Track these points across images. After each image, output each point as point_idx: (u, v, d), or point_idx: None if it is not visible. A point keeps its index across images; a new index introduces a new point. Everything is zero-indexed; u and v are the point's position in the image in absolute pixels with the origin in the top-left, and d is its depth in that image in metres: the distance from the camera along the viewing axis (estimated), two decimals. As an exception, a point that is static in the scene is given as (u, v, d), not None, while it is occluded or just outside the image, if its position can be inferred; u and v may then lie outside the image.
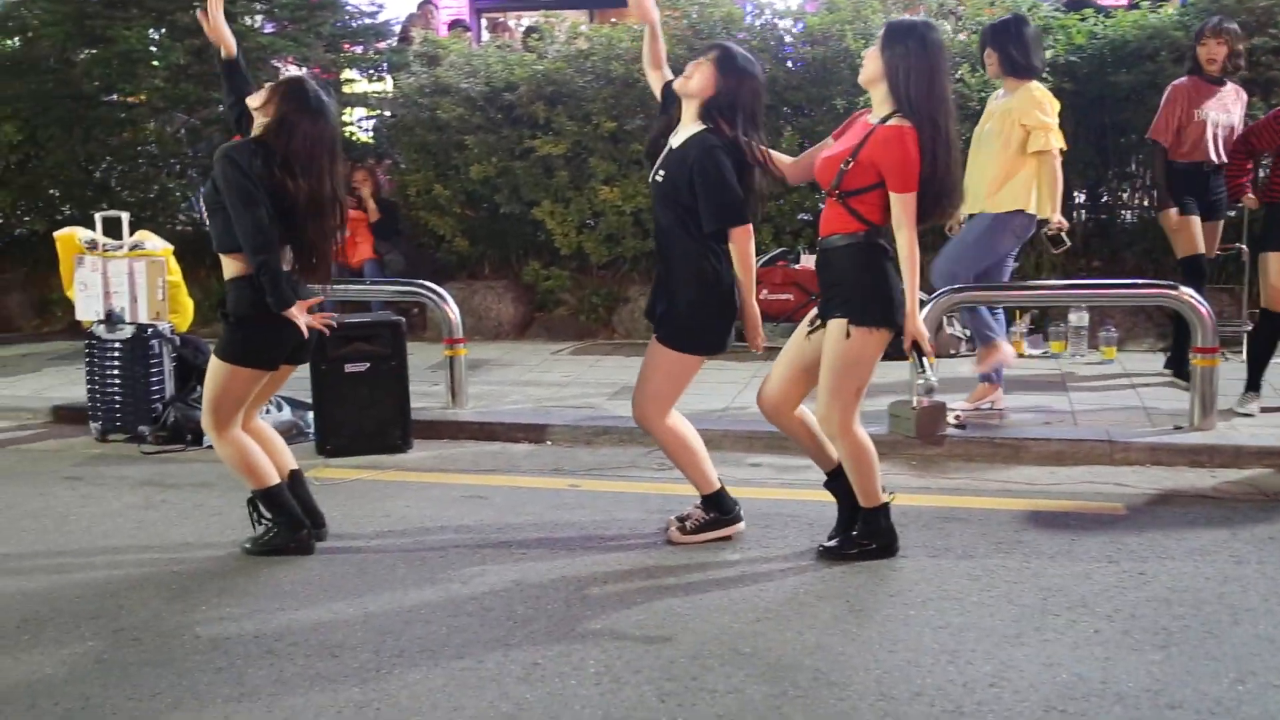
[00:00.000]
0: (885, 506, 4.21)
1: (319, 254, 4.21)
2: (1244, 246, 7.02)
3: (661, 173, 4.19)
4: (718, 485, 4.42)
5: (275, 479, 4.33)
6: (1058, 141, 5.64)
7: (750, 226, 4.14)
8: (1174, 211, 6.42)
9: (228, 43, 4.46)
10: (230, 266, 4.17)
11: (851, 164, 3.91)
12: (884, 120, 3.90)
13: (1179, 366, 6.59)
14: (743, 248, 4.13)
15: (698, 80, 4.11)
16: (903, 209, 3.89)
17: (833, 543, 4.26)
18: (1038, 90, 5.69)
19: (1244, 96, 6.50)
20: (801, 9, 9.15)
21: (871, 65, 3.95)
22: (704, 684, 3.23)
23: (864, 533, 4.21)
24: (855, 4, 8.35)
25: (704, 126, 4.12)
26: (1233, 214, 6.84)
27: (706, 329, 4.25)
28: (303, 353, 4.33)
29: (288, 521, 4.36)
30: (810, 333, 4.16)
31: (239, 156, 4.03)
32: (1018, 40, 5.73)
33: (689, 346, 4.26)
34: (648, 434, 4.45)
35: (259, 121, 4.14)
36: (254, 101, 4.18)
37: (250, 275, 4.09)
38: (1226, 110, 6.39)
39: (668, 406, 4.33)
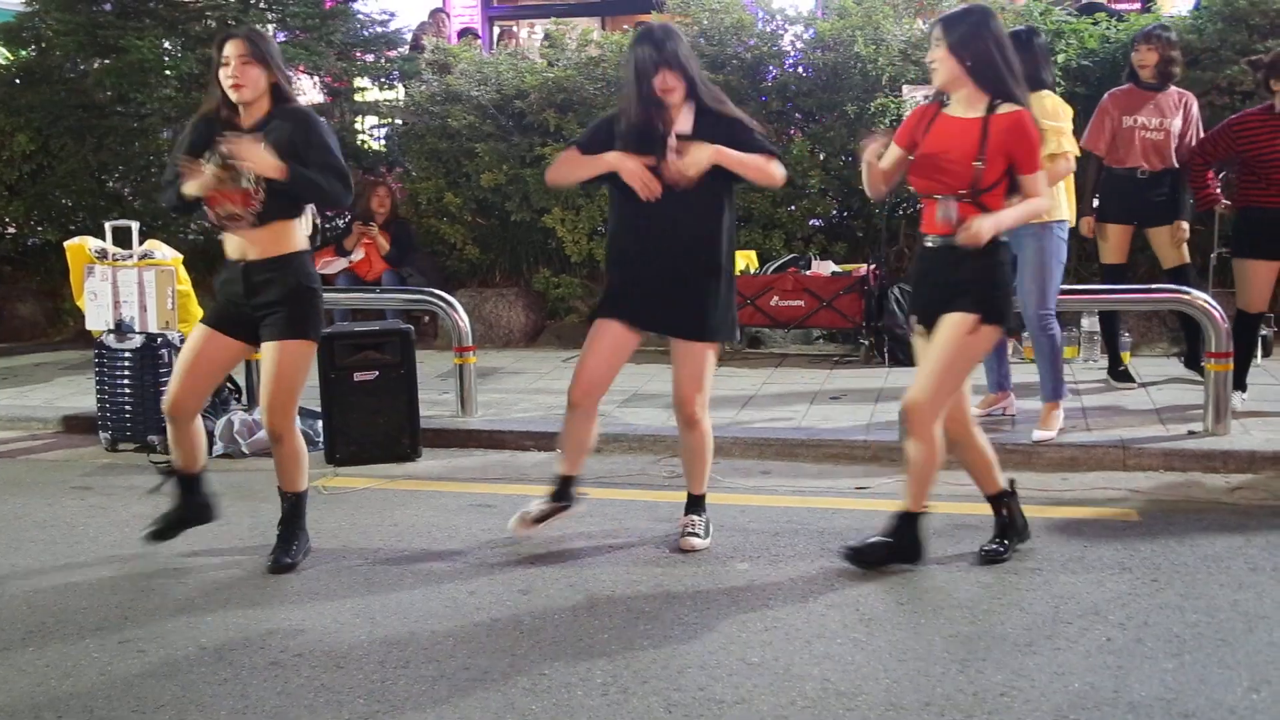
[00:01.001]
0: (920, 517, 4.16)
1: None
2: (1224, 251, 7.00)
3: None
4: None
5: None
6: (1070, 146, 5.60)
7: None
8: (1087, 220, 6.48)
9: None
10: (282, 239, 4.14)
11: (984, 162, 3.87)
12: (991, 111, 3.89)
13: (1196, 364, 6.58)
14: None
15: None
16: (1038, 185, 3.95)
17: (857, 544, 4.20)
18: (1049, 99, 5.65)
19: (1188, 101, 6.48)
20: (812, 15, 9.12)
21: (946, 67, 3.92)
22: (712, 694, 3.20)
23: (895, 534, 4.15)
24: (866, 10, 8.32)
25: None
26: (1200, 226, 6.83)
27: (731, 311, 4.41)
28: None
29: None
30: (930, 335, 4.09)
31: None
32: (1027, 52, 5.68)
33: (728, 334, 4.47)
34: (691, 433, 4.43)
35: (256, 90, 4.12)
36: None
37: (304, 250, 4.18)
38: (1162, 116, 6.38)
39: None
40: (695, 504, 4.52)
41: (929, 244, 4.08)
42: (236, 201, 4.08)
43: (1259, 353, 6.58)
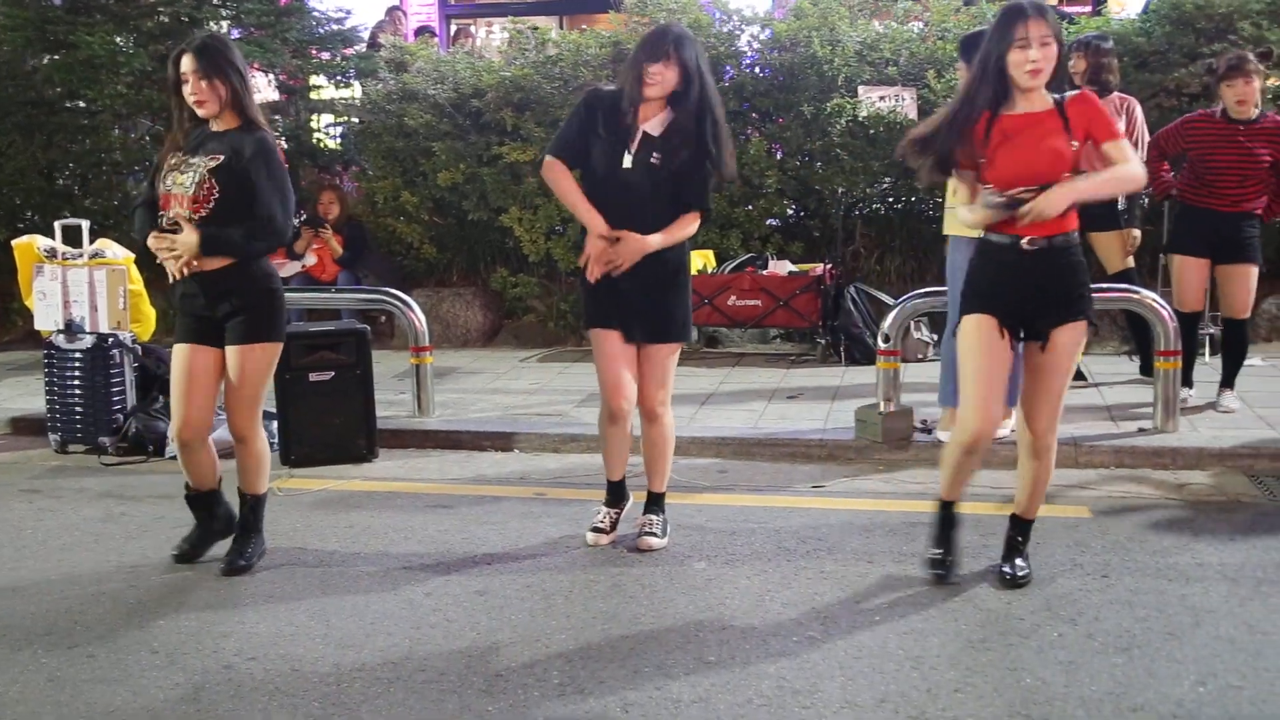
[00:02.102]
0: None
1: None
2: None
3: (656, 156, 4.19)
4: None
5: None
6: None
7: None
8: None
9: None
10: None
11: (1078, 143, 3.65)
12: (1060, 100, 3.71)
13: (1151, 370, 6.68)
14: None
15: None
16: (1123, 151, 3.67)
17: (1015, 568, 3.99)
18: None
19: (1130, 105, 6.56)
20: (769, 16, 9.15)
21: (1051, 66, 3.64)
22: (669, 694, 3.21)
23: (1026, 541, 4.04)
24: (822, 11, 8.36)
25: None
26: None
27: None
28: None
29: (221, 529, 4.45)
30: (1022, 340, 3.84)
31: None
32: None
33: (689, 334, 4.51)
34: (653, 427, 4.46)
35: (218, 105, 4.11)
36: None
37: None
38: None
39: None
40: (654, 503, 4.54)
41: (1025, 245, 3.69)
42: (184, 207, 4.08)
43: (1206, 351, 6.67)
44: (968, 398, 3.84)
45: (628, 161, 4.20)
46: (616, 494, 4.62)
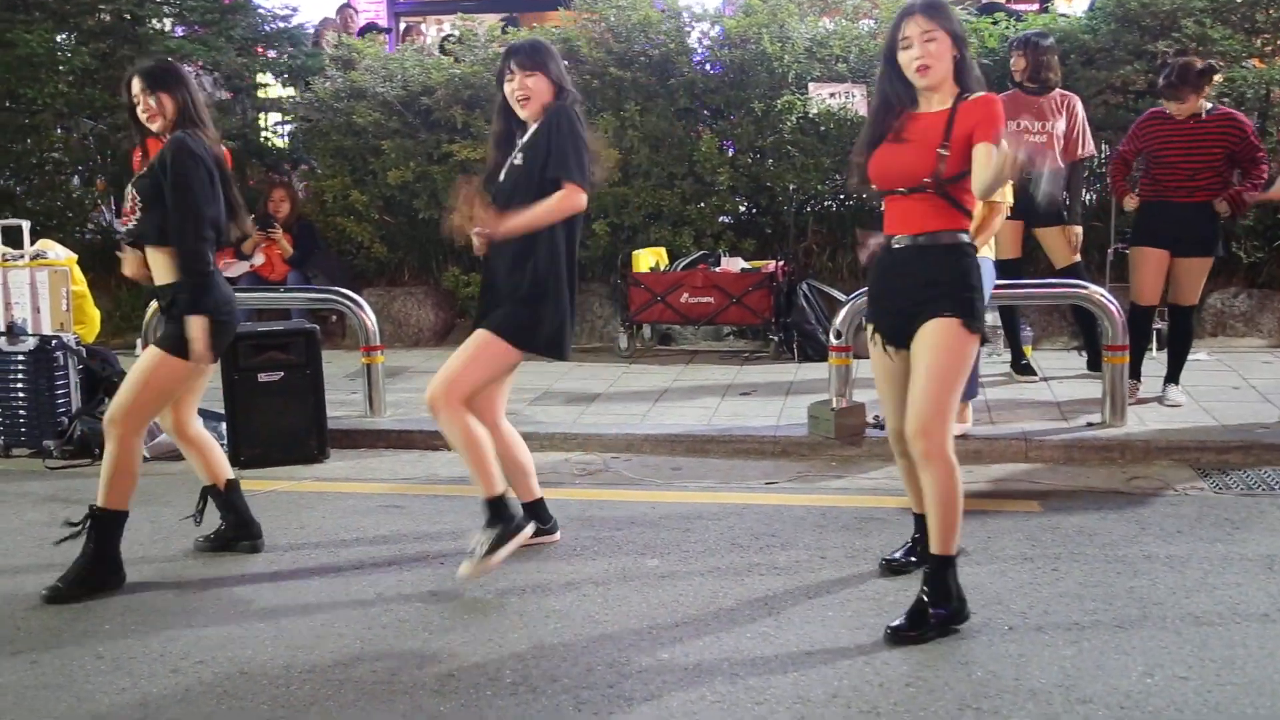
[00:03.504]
0: (953, 560, 3.60)
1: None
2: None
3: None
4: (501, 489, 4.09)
5: (128, 504, 4.15)
6: (1009, 197, 5.64)
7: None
8: None
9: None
10: (165, 262, 4.09)
11: (948, 147, 3.48)
12: (960, 99, 3.53)
13: (1099, 365, 6.78)
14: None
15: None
16: (983, 157, 3.41)
17: (900, 621, 3.55)
18: None
19: (1071, 102, 6.70)
20: (719, 12, 9.17)
21: (943, 64, 3.53)
22: (621, 691, 3.20)
23: (934, 594, 3.55)
24: (772, 8, 8.38)
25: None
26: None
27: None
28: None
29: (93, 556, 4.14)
30: (893, 349, 3.67)
31: (198, 147, 4.04)
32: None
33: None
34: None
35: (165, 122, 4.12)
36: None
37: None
38: (1044, 119, 6.60)
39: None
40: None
41: (894, 245, 3.62)
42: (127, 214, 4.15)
43: (1153, 345, 6.77)
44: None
45: (502, 176, 4.17)
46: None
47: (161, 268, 4.10)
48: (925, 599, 3.54)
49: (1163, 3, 7.84)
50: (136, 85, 4.13)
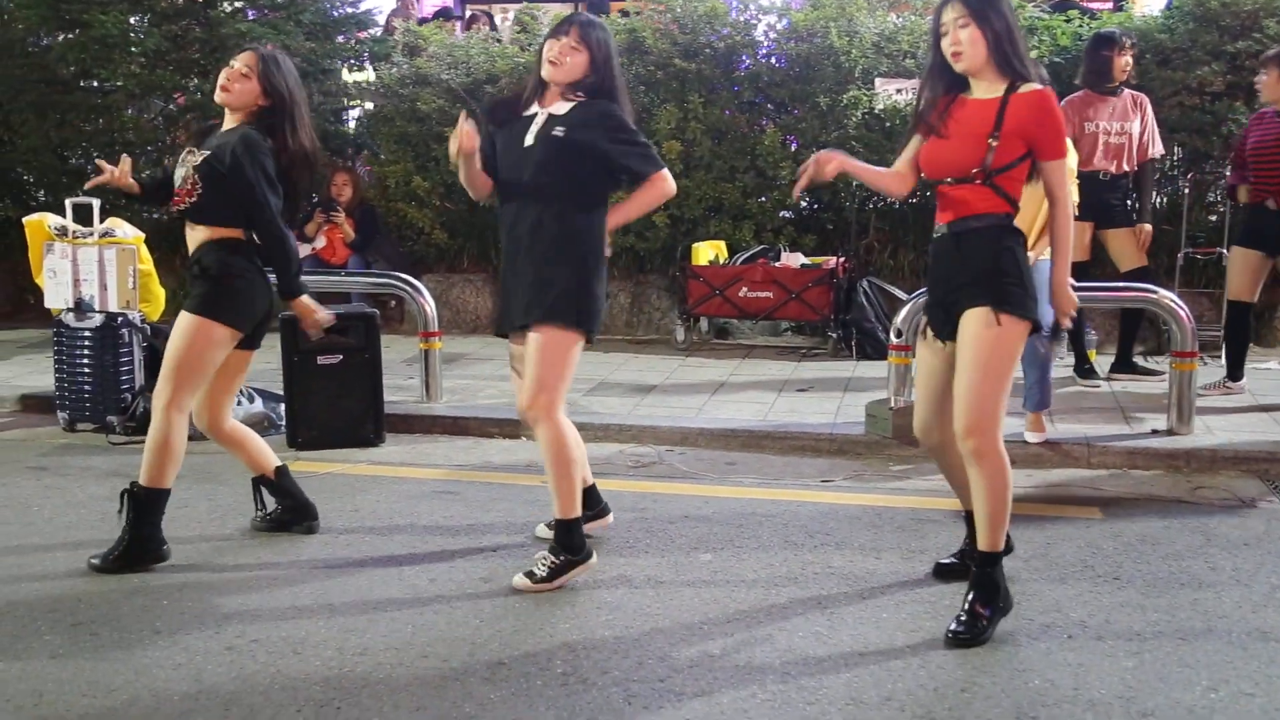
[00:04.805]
0: (1002, 556, 3.57)
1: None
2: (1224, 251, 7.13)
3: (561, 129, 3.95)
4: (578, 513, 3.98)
5: (169, 482, 4.15)
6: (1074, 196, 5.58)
7: None
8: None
9: (134, 187, 4.39)
10: (202, 238, 4.17)
11: (998, 137, 3.43)
12: (1011, 91, 3.46)
13: (1123, 365, 6.96)
14: None
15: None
16: (1057, 177, 3.51)
17: (957, 626, 3.48)
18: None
19: (1143, 102, 6.62)
20: (786, 5, 9.10)
21: (977, 49, 3.44)
22: (672, 686, 3.18)
23: (982, 593, 3.50)
24: (840, 2, 8.31)
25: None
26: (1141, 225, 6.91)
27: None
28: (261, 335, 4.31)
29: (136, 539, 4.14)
30: (942, 342, 3.61)
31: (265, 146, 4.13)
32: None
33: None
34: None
35: (241, 102, 4.17)
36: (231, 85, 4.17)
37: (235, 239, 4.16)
38: (1123, 119, 6.53)
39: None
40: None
41: (936, 234, 3.61)
42: (180, 195, 4.22)
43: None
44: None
45: (529, 140, 3.98)
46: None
47: (197, 239, 4.17)
48: (973, 599, 3.49)
49: (1244, 2, 7.65)
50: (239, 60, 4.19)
